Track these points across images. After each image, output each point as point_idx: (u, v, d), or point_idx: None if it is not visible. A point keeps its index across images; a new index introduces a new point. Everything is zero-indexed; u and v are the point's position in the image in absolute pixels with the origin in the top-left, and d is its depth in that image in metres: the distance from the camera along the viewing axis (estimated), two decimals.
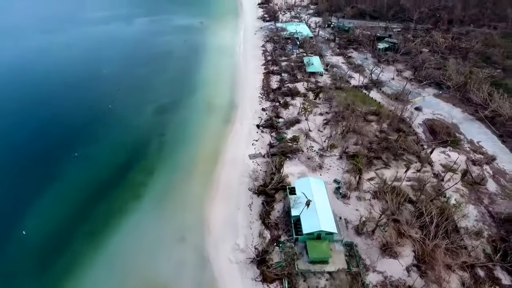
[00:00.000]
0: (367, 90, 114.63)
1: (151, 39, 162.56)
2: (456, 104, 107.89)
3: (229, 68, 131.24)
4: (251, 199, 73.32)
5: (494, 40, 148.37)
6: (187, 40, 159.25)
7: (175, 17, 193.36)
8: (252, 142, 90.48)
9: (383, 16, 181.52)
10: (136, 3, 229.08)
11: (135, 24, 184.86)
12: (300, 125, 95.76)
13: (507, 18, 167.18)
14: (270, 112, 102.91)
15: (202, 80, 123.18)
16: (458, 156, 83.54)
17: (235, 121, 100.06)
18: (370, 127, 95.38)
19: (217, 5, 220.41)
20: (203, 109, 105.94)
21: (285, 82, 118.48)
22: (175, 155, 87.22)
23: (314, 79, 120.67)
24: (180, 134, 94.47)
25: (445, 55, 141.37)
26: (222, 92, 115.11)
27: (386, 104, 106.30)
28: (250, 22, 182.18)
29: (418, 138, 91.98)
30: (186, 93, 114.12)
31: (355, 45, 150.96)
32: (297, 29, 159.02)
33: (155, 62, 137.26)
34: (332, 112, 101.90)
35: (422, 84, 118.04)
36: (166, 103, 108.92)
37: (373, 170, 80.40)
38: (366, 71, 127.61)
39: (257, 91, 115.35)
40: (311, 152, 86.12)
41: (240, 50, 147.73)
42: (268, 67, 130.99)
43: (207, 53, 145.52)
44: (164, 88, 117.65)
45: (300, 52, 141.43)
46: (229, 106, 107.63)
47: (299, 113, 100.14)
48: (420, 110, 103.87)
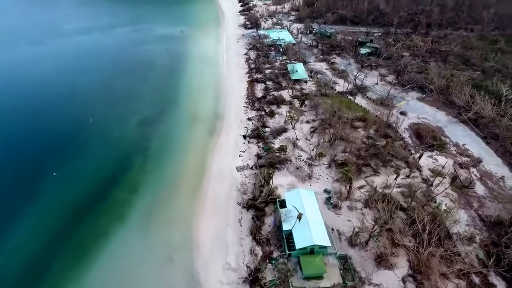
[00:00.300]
0: (352, 96, 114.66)
1: (133, 49, 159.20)
2: (440, 107, 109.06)
3: (213, 77, 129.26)
4: (241, 213, 71.13)
5: (472, 43, 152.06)
6: (169, 50, 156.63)
7: (156, 26, 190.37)
8: (239, 154, 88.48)
9: (364, 21, 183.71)
10: (115, 13, 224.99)
11: (115, 34, 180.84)
12: (287, 134, 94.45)
13: (482, 20, 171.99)
14: (256, 121, 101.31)
15: (186, 90, 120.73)
16: (446, 160, 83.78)
17: (220, 132, 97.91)
18: (357, 134, 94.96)
19: (198, 13, 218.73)
20: (188, 121, 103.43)
21: (270, 90, 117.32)
22: (160, 170, 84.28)
23: (299, 86, 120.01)
24: (164, 147, 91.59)
25: (425, 58, 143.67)
26: (206, 102, 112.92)
27: (372, 109, 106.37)
28: (232, 30, 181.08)
29: (405, 143, 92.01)
30: (169, 104, 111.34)
31: (338, 51, 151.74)
32: (279, 36, 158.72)
33: (137, 72, 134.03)
34: (318, 119, 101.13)
35: (406, 88, 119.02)
36: (149, 114, 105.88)
37: (363, 178, 79.60)
38: (350, 76, 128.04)
39: (242, 100, 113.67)
40: (300, 161, 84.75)
41: (223, 58, 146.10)
42: (252, 75, 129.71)
43: (190, 62, 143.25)
44: (147, 99, 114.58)
45: (284, 59, 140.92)
46: (214, 116, 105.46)
47: (286, 121, 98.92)
48: (405, 114, 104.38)
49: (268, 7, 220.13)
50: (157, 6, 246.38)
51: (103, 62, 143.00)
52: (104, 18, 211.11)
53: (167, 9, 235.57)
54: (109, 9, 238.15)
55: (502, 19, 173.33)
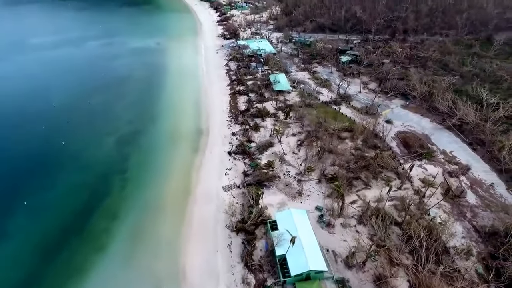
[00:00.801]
0: (336, 105, 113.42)
1: (106, 64, 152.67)
2: (424, 114, 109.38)
3: (193, 91, 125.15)
4: (230, 238, 67.17)
5: (448, 48, 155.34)
6: (146, 63, 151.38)
7: (130, 39, 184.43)
8: (225, 172, 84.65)
9: (342, 29, 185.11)
10: (88, 25, 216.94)
11: (87, 48, 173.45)
12: (274, 149, 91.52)
13: (456, 26, 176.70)
14: (241, 136, 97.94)
15: (165, 105, 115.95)
16: (437, 171, 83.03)
17: (204, 149, 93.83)
18: (344, 145, 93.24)
19: (174, 24, 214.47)
20: (168, 138, 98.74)
21: (253, 102, 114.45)
22: (141, 194, 79.13)
23: (283, 97, 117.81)
24: (144, 168, 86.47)
25: (405, 65, 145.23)
26: (188, 118, 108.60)
27: (357, 119, 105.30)
28: (211, 41, 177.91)
29: (394, 153, 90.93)
30: (148, 121, 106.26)
31: (319, 59, 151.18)
32: (259, 46, 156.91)
33: (112, 89, 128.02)
34: (304, 131, 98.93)
35: (389, 95, 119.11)
36: (127, 133, 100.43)
37: (354, 192, 77.49)
38: (333, 85, 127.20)
39: (225, 114, 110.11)
40: (289, 177, 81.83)
41: (203, 70, 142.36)
42: (234, 88, 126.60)
43: (168, 75, 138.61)
44: (123, 117, 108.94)
45: (265, 69, 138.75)
46: (196, 132, 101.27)
47: (272, 135, 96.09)
48: (391, 123, 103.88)
49: (246, 16, 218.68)
50: (132, 17, 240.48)
51: (75, 79, 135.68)
52: (76, 30, 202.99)
53: (142, 20, 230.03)
54: (81, 21, 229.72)
55: (475, 24, 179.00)
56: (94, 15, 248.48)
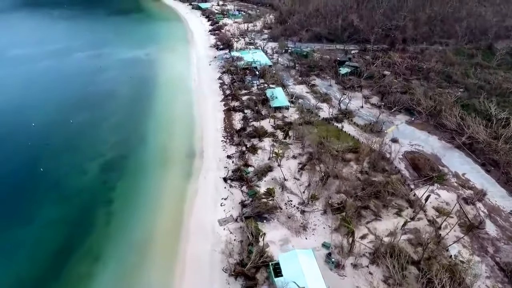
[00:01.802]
0: (338, 122, 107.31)
1: (92, 77, 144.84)
2: (431, 131, 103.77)
3: (184, 108, 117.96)
4: (228, 284, 59.88)
5: (450, 58, 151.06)
6: (133, 76, 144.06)
7: (118, 50, 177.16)
8: (221, 202, 77.46)
9: (339, 38, 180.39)
10: (73, 35, 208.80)
11: (72, 60, 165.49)
12: (273, 174, 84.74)
13: (456, 34, 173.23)
14: (237, 159, 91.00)
15: (154, 124, 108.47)
16: (451, 197, 77.12)
17: (197, 175, 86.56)
18: (349, 169, 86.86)
19: (164, 33, 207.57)
20: (158, 163, 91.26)
21: (249, 120, 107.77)
22: (128, 229, 71.51)
23: (281, 114, 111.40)
24: (131, 199, 78.83)
25: (406, 76, 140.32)
26: (179, 138, 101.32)
27: (361, 137, 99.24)
28: (203, 52, 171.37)
29: (403, 177, 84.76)
30: (136, 143, 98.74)
31: (317, 71, 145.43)
32: (254, 57, 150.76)
33: (97, 105, 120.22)
34: (306, 153, 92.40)
35: (393, 111, 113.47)
36: (112, 158, 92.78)
37: (364, 224, 70.90)
38: (333, 100, 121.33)
39: (219, 133, 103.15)
40: (291, 207, 74.96)
41: (195, 84, 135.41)
42: (228, 103, 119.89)
43: (158, 90, 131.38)
44: (108, 138, 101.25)
45: (261, 83, 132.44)
46: (188, 155, 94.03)
47: (270, 158, 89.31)
48: (397, 141, 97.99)
49: (239, 25, 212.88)
50: (120, 26, 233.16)
51: (58, 94, 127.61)
52: (61, 41, 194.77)
53: (131, 29, 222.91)
54: (67, 30, 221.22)
55: (474, 33, 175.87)
56: (81, 24, 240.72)
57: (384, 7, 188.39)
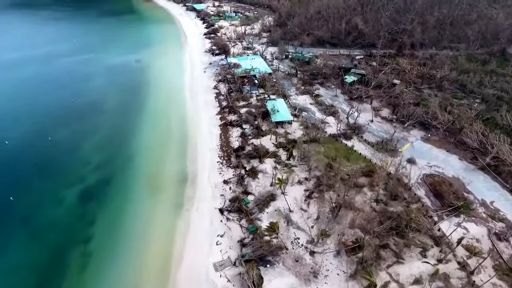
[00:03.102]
0: (346, 139, 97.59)
1: (78, 86, 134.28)
2: (450, 149, 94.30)
3: (177, 122, 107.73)
4: None
5: (463, 65, 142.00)
6: (121, 86, 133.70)
7: (106, 55, 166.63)
8: (217, 240, 67.40)
9: (343, 43, 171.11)
10: (60, 39, 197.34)
11: (56, 67, 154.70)
12: (277, 203, 74.84)
13: (466, 39, 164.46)
14: (235, 185, 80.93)
15: (143, 142, 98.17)
16: (481, 232, 67.53)
17: (190, 205, 76.46)
18: (363, 196, 77.11)
19: (157, 37, 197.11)
20: (145, 189, 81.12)
21: (248, 137, 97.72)
22: (107, 276, 61.30)
23: (283, 130, 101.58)
24: (112, 237, 68.67)
25: (417, 85, 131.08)
26: (170, 159, 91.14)
27: (373, 157, 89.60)
28: (197, 57, 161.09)
29: (424, 206, 75.10)
30: (121, 165, 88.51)
31: (320, 79, 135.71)
32: (252, 64, 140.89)
33: (81, 119, 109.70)
34: (312, 177, 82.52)
35: (406, 125, 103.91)
36: (93, 183, 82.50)
37: (384, 269, 61.10)
38: (340, 112, 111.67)
39: (214, 153, 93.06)
40: (298, 247, 65.04)
41: (188, 95, 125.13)
42: (225, 117, 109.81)
43: (148, 102, 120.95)
44: (91, 159, 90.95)
45: (260, 93, 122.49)
46: (180, 180, 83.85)
47: (273, 184, 79.35)
48: (414, 162, 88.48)
49: (236, 28, 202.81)
50: (111, 28, 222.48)
51: (38, 107, 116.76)
52: (46, 45, 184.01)
53: (122, 32, 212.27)
54: (53, 33, 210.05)
55: (485, 37, 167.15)
56: (70, 27, 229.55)
57: (390, 10, 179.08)
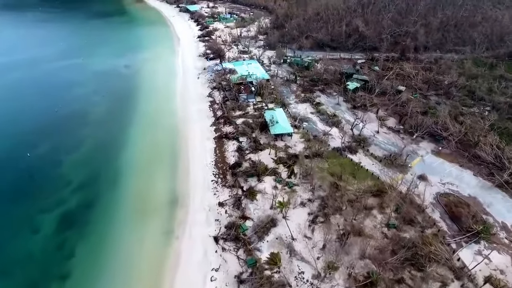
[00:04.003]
0: (351, 153, 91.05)
1: (62, 95, 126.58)
2: (464, 164, 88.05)
3: (167, 135, 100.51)
4: None
5: (470, 70, 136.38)
6: (110, 94, 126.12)
7: (94, 60, 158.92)
8: (211, 276, 60.35)
9: (343, 46, 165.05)
10: (46, 43, 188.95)
11: (40, 73, 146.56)
12: (278, 229, 68.02)
13: (471, 41, 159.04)
14: (231, 208, 73.95)
15: (130, 158, 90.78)
16: (505, 262, 61.04)
17: (181, 231, 69.41)
18: (372, 220, 70.51)
19: (148, 40, 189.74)
20: (131, 213, 73.89)
21: (245, 151, 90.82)
22: None
23: (283, 142, 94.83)
24: (92, 273, 61.29)
25: (423, 91, 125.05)
26: (159, 177, 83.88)
27: (381, 173, 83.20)
28: (191, 62, 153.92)
29: (440, 230, 68.64)
30: (105, 185, 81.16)
31: (321, 85, 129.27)
32: (249, 69, 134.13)
33: (63, 132, 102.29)
34: (316, 198, 75.78)
35: (415, 137, 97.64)
36: (74, 206, 75.21)
37: None
38: (343, 122, 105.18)
39: (208, 170, 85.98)
40: (302, 283, 58.23)
41: (181, 104, 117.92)
42: (220, 129, 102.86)
43: (136, 112, 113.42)
44: (72, 178, 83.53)
45: (258, 101, 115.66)
46: (169, 202, 76.73)
47: (273, 207, 72.51)
48: (425, 179, 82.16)
49: (231, 30, 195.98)
50: (100, 31, 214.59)
51: (16, 119, 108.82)
52: (30, 49, 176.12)
53: (111, 35, 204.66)
54: (38, 36, 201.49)
55: (491, 40, 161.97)
56: (56, 30, 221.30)
57: (392, 11, 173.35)
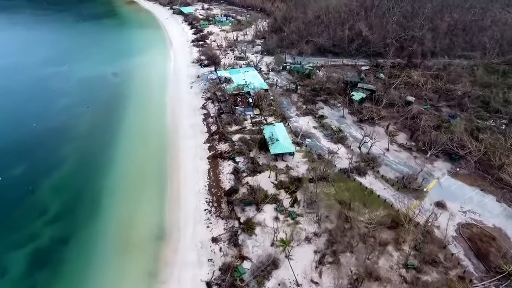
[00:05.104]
0: (360, 175, 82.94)
1: (43, 106, 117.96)
2: (485, 187, 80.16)
3: (156, 155, 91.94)
4: None
5: (482, 77, 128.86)
6: (95, 106, 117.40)
7: (81, 67, 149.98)
8: None
9: (345, 51, 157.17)
10: (29, 48, 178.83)
11: (21, 82, 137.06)
12: (280, 272, 59.78)
13: (481, 46, 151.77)
14: (227, 245, 65.54)
15: (113, 183, 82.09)
16: None
17: (168, 273, 60.92)
18: (388, 259, 62.37)
19: (138, 44, 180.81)
20: (113, 249, 65.56)
21: (242, 174, 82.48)
22: None
23: (284, 163, 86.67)
24: None
25: (433, 101, 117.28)
26: (145, 207, 75.32)
27: (394, 200, 75.22)
28: (184, 69, 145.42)
29: (466, 272, 60.60)
30: (84, 215, 72.62)
31: (324, 95, 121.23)
32: (246, 78, 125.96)
33: (40, 151, 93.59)
34: (323, 231, 67.56)
35: (429, 155, 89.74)
36: (48, 241, 66.77)
37: None
38: (350, 139, 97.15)
39: (201, 197, 77.52)
40: None
41: (172, 118, 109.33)
42: (215, 146, 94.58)
43: (122, 127, 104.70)
44: (48, 205, 75.14)
45: (256, 114, 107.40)
46: (156, 237, 68.30)
47: (274, 243, 64.23)
48: (444, 206, 74.24)
49: (226, 34, 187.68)
50: (89, 35, 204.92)
51: None
52: (12, 55, 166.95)
53: (100, 40, 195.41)
54: (23, 41, 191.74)
55: (501, 44, 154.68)
56: (43, 33, 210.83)
57: (397, 14, 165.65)
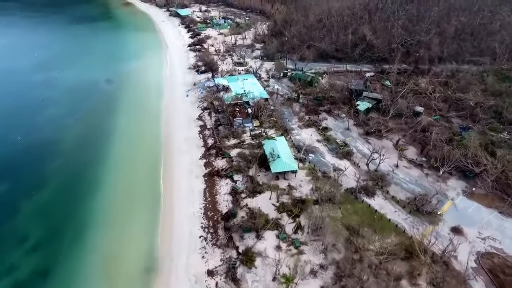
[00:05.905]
0: (368, 195, 77.25)
1: (27, 118, 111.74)
2: (504, 209, 74.57)
3: (148, 173, 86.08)
4: None
5: (493, 85, 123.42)
6: (85, 116, 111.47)
7: (71, 73, 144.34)
8: None
9: (349, 57, 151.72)
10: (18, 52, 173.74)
11: (6, 90, 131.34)
12: None
13: (490, 51, 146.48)
14: (224, 279, 59.70)
15: (100, 206, 76.17)
16: None
17: None
18: None
19: (133, 49, 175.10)
20: (99, 282, 59.35)
21: (240, 195, 76.69)
22: None
23: (286, 181, 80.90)
24: None
25: (443, 111, 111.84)
26: (135, 233, 69.47)
27: (407, 225, 69.65)
28: (180, 76, 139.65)
29: None
30: (66, 245, 66.78)
31: (327, 105, 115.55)
32: (245, 86, 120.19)
33: (22, 169, 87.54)
34: (330, 262, 61.82)
35: (441, 173, 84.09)
36: (27, 276, 60.90)
37: None
38: (356, 153, 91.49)
39: (196, 221, 71.68)
40: None
41: (165, 130, 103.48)
42: (211, 162, 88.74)
43: (113, 139, 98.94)
44: (28, 232, 69.36)
45: (255, 126, 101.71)
46: (145, 269, 62.43)
47: (276, 278, 58.43)
48: (460, 232, 68.63)
49: (224, 37, 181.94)
50: (81, 38, 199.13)
51: None
52: None
53: (93, 43, 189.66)
54: (11, 44, 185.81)
55: (510, 49, 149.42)
56: (34, 36, 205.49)
57: (402, 18, 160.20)
